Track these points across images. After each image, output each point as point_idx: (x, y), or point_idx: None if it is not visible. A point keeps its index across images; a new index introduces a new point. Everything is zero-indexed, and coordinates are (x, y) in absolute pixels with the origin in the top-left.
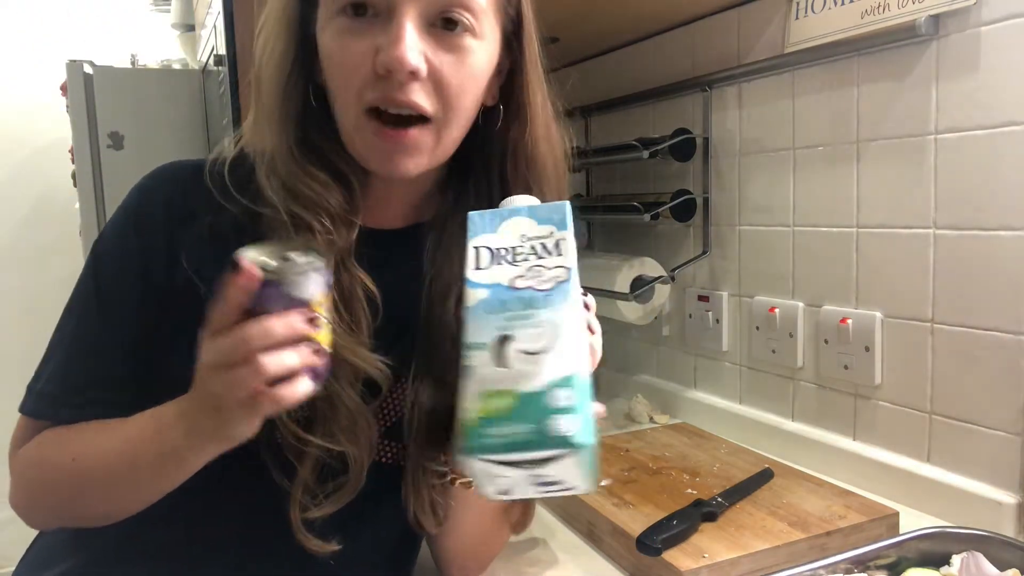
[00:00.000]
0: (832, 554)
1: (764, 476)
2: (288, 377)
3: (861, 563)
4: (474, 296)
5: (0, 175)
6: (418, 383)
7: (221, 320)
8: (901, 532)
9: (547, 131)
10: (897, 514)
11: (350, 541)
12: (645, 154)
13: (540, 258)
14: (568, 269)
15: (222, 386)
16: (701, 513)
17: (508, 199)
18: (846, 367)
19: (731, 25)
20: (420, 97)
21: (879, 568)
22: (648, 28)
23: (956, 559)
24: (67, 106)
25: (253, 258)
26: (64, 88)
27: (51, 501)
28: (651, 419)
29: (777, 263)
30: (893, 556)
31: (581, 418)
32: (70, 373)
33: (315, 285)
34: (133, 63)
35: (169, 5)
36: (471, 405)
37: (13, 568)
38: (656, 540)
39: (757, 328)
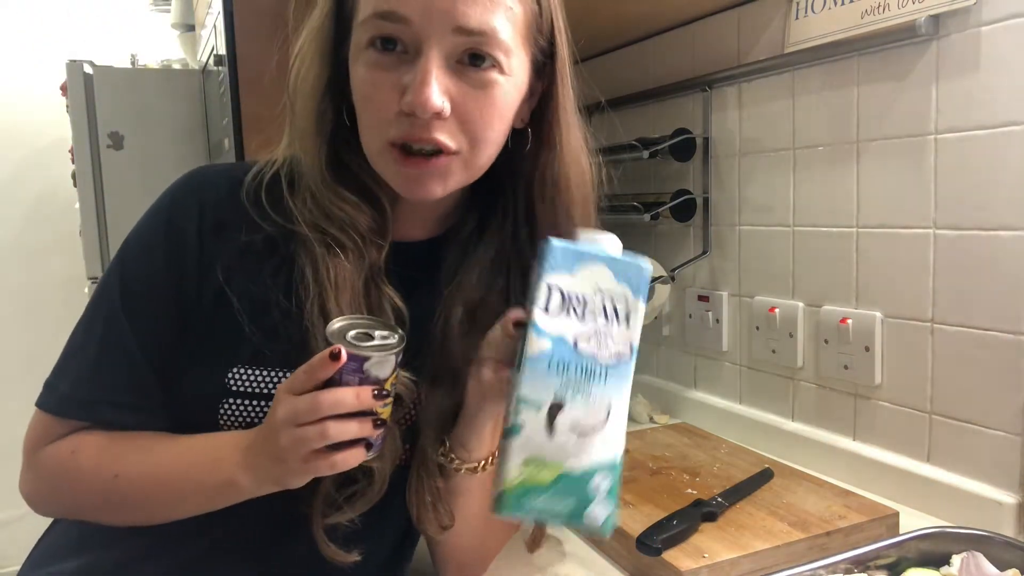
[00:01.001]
0: (832, 554)
1: (764, 476)
2: (347, 444)
3: (861, 563)
4: (537, 345)
5: (0, 175)
6: (428, 390)
7: (302, 384)
8: (901, 532)
9: (575, 157)
10: (897, 514)
11: (359, 542)
12: (645, 154)
13: (608, 322)
14: (632, 348)
15: (288, 440)
16: (701, 513)
17: (590, 234)
18: (846, 367)
19: (731, 25)
20: (443, 135)
21: (879, 568)
22: (648, 28)
23: (956, 559)
24: (67, 106)
25: (341, 328)
26: (64, 88)
27: (81, 507)
28: (651, 419)
29: (777, 263)
30: (893, 556)
31: (612, 504)
32: (98, 376)
33: (391, 367)
34: (133, 63)
35: (169, 5)
36: (513, 466)
37: (13, 568)
38: (656, 540)
39: (757, 328)
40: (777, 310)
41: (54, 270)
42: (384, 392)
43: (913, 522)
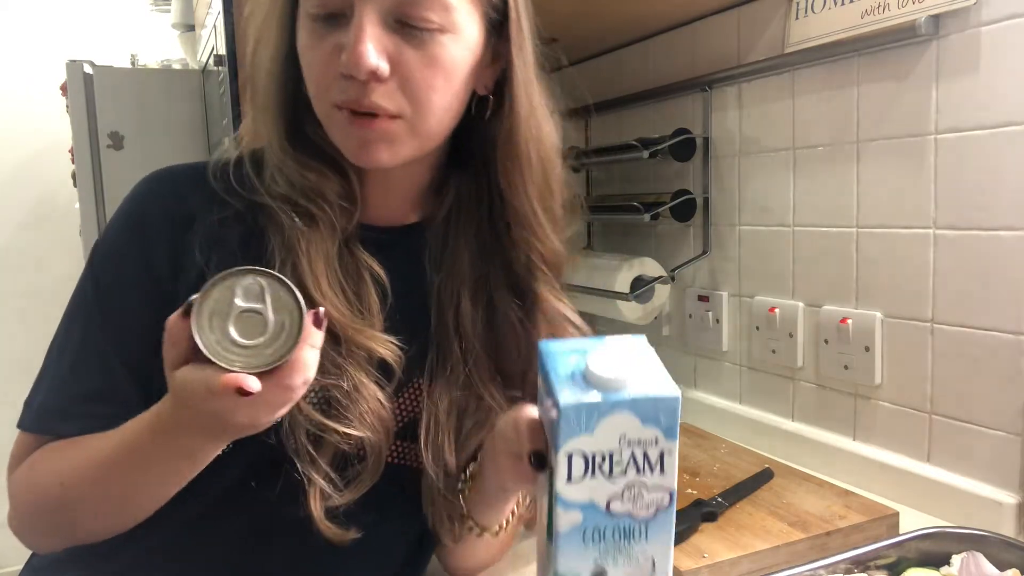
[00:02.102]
0: (832, 554)
1: (764, 476)
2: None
3: (861, 563)
4: (567, 519)
5: (0, 175)
6: (433, 387)
7: (178, 359)
8: (901, 532)
9: (531, 121)
10: (897, 514)
11: (363, 539)
12: (645, 154)
13: (640, 472)
14: (670, 493)
15: (211, 418)
16: (701, 513)
17: (611, 346)
18: (846, 367)
19: (731, 25)
20: (382, 98)
21: (879, 568)
22: (648, 28)
23: (956, 559)
24: (67, 106)
25: (200, 328)
26: (64, 88)
27: (44, 526)
28: None
29: (777, 263)
30: (893, 556)
31: None
32: (71, 386)
33: (285, 343)
34: (133, 63)
35: (169, 5)
36: None
37: (13, 568)
38: None
39: (757, 328)
40: (777, 310)
41: (54, 270)
42: (285, 363)
43: (913, 522)
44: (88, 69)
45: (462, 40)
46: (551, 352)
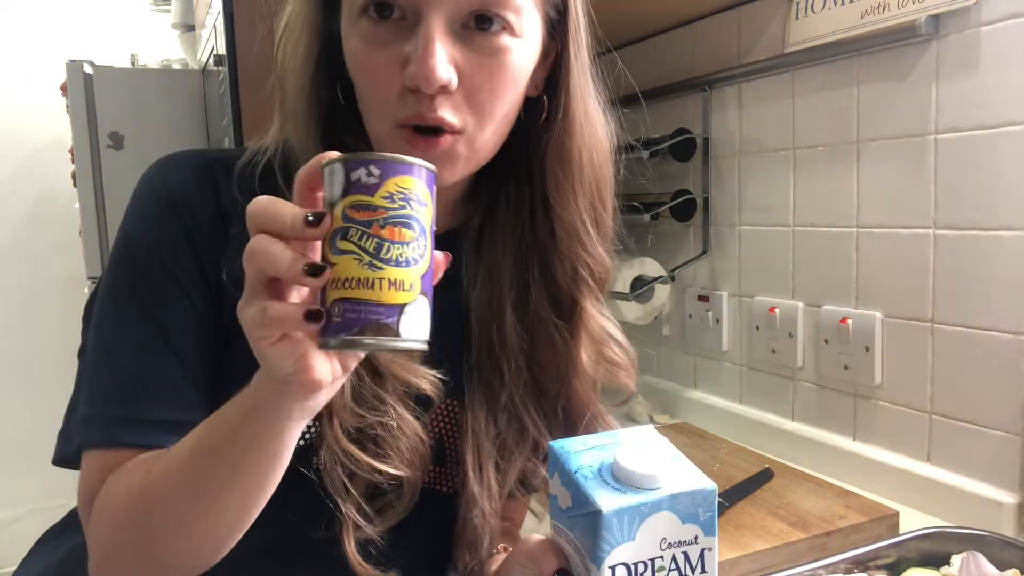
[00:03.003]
0: (832, 554)
1: (764, 476)
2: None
3: (861, 563)
4: None
5: (0, 175)
6: (476, 413)
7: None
8: (901, 532)
9: (585, 126)
10: (897, 514)
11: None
12: (645, 154)
13: (681, 574)
14: None
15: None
16: None
17: (635, 438)
18: (846, 367)
19: (731, 25)
20: (449, 112)
21: (879, 568)
22: (648, 28)
23: (956, 559)
24: (67, 106)
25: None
26: (64, 88)
27: (124, 559)
28: (651, 419)
29: (777, 263)
30: (893, 556)
31: None
32: (123, 387)
33: (338, 184)
34: (133, 63)
35: (169, 5)
36: None
37: (13, 568)
38: None
39: (757, 328)
40: (777, 310)
41: (54, 270)
42: (324, 216)
43: (913, 522)
44: (88, 69)
45: (527, 45)
46: (565, 452)
